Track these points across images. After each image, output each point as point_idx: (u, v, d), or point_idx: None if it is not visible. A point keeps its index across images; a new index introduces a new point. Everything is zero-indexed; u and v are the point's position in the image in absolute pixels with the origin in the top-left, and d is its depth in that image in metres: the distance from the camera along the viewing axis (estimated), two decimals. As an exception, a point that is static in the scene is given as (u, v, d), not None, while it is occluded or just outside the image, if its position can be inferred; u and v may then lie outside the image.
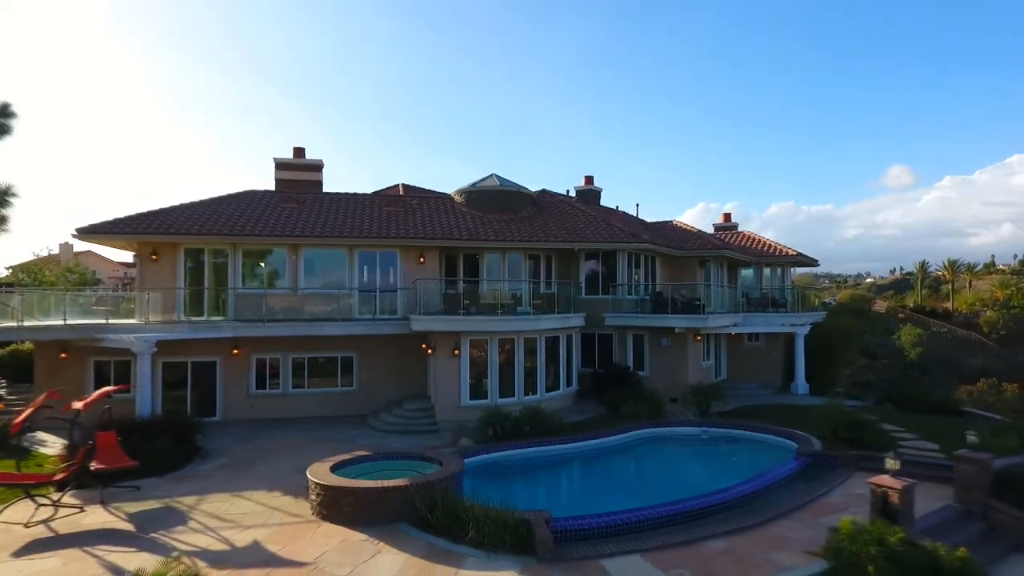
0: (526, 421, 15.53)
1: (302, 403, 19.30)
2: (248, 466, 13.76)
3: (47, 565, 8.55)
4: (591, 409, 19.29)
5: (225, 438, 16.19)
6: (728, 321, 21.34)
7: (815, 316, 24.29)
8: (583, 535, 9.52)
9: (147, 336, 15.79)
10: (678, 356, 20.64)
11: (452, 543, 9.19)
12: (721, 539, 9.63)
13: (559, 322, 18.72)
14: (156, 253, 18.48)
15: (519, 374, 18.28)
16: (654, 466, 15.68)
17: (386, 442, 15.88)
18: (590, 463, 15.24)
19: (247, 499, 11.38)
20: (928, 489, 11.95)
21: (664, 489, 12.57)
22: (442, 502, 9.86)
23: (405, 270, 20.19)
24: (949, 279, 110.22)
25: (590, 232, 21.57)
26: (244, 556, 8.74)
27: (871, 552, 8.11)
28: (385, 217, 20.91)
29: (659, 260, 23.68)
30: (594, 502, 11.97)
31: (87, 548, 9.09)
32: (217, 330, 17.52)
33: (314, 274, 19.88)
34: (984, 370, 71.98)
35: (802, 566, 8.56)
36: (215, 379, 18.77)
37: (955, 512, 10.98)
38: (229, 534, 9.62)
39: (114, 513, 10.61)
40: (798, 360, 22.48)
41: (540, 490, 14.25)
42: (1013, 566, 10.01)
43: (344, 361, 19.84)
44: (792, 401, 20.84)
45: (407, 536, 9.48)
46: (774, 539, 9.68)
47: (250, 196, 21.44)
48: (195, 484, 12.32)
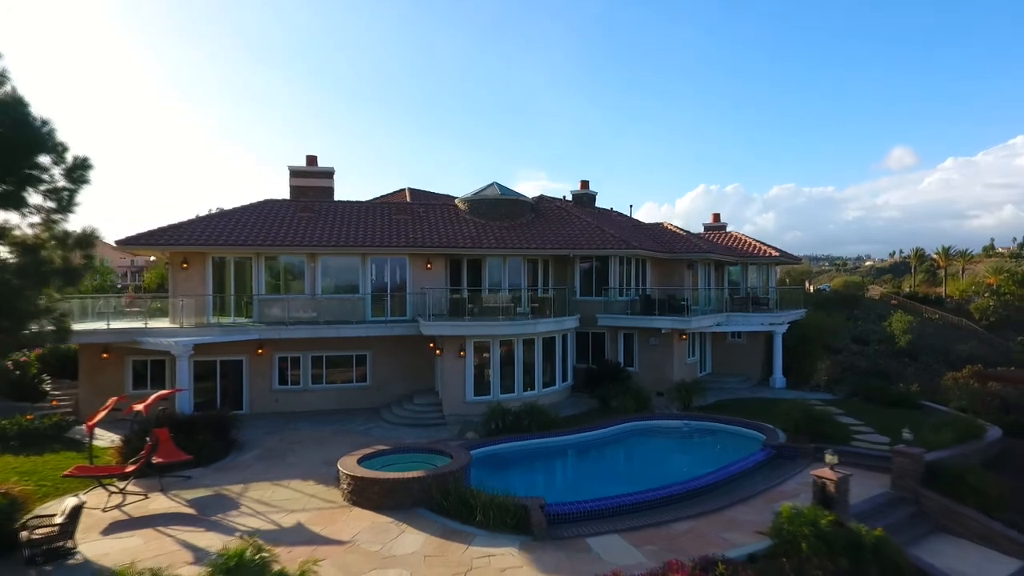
0: (525, 416, 17.36)
1: (320, 397, 21.14)
2: (280, 457, 15.63)
3: (130, 543, 10.42)
4: (585, 403, 21.14)
5: (255, 431, 18.04)
6: (711, 321, 23.13)
7: (794, 315, 26.05)
8: (572, 518, 11.39)
9: (185, 340, 17.61)
10: (665, 354, 22.46)
11: (463, 524, 11.06)
12: (686, 521, 11.51)
13: (555, 325, 20.51)
14: (187, 262, 20.22)
15: (519, 372, 20.11)
16: (639, 456, 17.54)
17: (399, 434, 17.73)
18: (582, 453, 17.11)
19: (285, 487, 13.25)
20: (872, 478, 13.88)
21: (647, 476, 14.38)
22: (454, 490, 11.74)
23: (414, 275, 21.93)
24: (942, 265, 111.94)
25: (584, 238, 23.25)
26: (292, 535, 10.61)
27: (805, 532, 9.96)
28: (395, 225, 22.58)
29: (649, 263, 25.39)
30: (585, 488, 13.78)
31: (160, 529, 10.97)
32: (245, 333, 19.29)
33: (330, 279, 21.61)
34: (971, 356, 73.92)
35: (750, 543, 10.43)
36: (242, 376, 20.60)
37: (890, 498, 12.86)
38: (276, 517, 11.50)
39: (174, 499, 12.49)
40: (776, 356, 24.30)
41: (538, 477, 16.10)
42: (934, 543, 11.91)
43: (358, 359, 21.65)
44: (769, 395, 22.68)
45: (425, 519, 11.35)
46: (730, 521, 11.56)
47: (269, 205, 23.09)
48: (238, 474, 14.19)
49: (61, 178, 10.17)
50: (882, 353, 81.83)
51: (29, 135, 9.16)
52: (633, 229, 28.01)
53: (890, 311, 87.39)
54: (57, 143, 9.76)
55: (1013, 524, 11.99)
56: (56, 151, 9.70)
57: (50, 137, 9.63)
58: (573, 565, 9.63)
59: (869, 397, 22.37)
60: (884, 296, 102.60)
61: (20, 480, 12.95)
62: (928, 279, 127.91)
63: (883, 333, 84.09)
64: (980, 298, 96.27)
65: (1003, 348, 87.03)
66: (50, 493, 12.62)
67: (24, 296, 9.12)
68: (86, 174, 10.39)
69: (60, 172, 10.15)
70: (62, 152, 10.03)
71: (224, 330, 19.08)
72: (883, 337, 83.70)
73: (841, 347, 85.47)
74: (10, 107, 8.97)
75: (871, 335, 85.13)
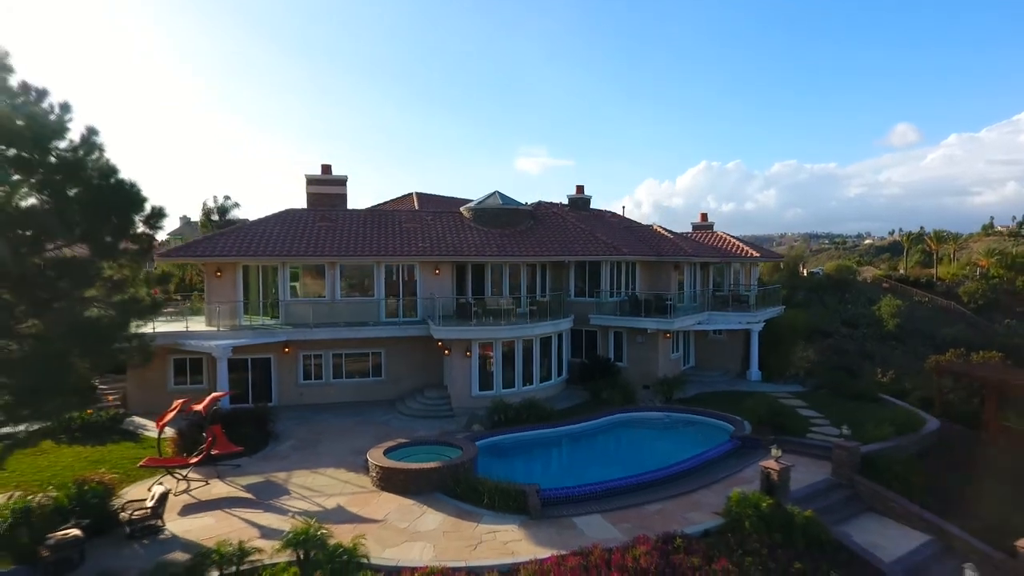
0: (524, 410, 19.80)
1: (341, 391, 23.53)
2: (312, 447, 18.07)
3: (205, 523, 12.87)
4: (578, 395, 23.56)
5: (286, 422, 20.43)
6: (693, 321, 25.47)
7: (771, 312, 28.35)
8: (562, 500, 13.84)
9: (224, 344, 19.97)
10: (650, 350, 24.84)
11: (473, 506, 13.52)
12: (657, 503, 13.98)
13: (551, 327, 22.84)
14: (220, 270, 22.47)
15: (519, 368, 22.50)
16: (624, 445, 19.99)
17: (414, 426, 20.18)
18: (574, 442, 19.57)
19: (322, 474, 15.70)
20: (819, 466, 16.33)
21: (630, 463, 16.77)
22: (464, 478, 14.20)
23: (423, 279, 24.18)
24: (934, 249, 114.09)
25: (578, 245, 25.45)
26: (336, 515, 13.05)
27: (748, 513, 12.43)
28: (405, 234, 24.76)
29: (639, 265, 27.63)
30: (576, 473, 16.22)
31: (227, 511, 13.43)
32: (274, 335, 21.63)
33: (347, 283, 23.88)
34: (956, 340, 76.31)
35: (706, 522, 12.89)
36: (270, 372, 22.96)
37: (830, 483, 15.32)
38: (319, 500, 13.96)
39: (231, 485, 14.95)
40: (753, 351, 26.67)
41: (536, 464, 18.53)
42: (862, 521, 14.36)
43: (374, 356, 24.00)
44: (745, 388, 25.06)
45: (442, 501, 13.81)
46: (694, 503, 14.02)
47: (291, 215, 25.25)
48: (279, 463, 16.63)
49: (142, 225, 12.39)
50: (870, 336, 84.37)
51: (123, 198, 11.34)
52: (625, 231, 30.19)
53: (880, 295, 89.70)
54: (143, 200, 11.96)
55: (927, 505, 14.46)
56: (142, 208, 11.91)
57: (137, 196, 11.82)
58: (562, 539, 12.07)
59: (835, 390, 24.67)
60: (876, 279, 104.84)
61: (92, 468, 15.46)
62: (924, 260, 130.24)
63: (872, 317, 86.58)
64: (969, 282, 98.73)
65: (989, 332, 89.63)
66: (125, 480, 15.05)
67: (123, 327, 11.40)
68: (161, 221, 12.61)
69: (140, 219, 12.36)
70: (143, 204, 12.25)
71: (256, 333, 21.40)
72: (872, 321, 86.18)
73: (831, 330, 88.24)
74: (108, 175, 11.14)
75: (861, 319, 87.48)
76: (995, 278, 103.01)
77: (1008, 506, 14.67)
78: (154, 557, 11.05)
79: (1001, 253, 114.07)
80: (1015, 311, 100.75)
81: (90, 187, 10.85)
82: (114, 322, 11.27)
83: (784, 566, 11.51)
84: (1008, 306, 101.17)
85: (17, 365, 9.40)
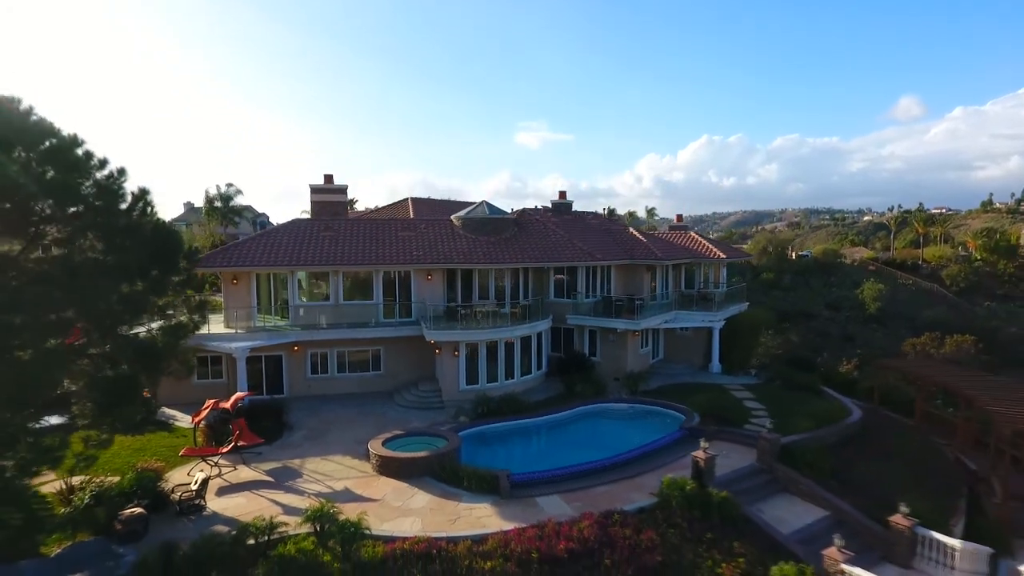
0: (504, 402, 22.79)
1: (344, 384, 26.51)
2: (322, 436, 21.09)
3: (238, 502, 15.92)
4: (555, 387, 26.51)
5: (297, 413, 23.42)
6: (659, 320, 28.38)
7: (733, 310, 31.18)
8: (528, 483, 16.86)
9: (243, 345, 22.92)
10: (621, 347, 27.78)
11: (455, 488, 16.55)
12: (606, 485, 17.02)
13: (529, 329, 25.73)
14: (236, 278, 25.30)
15: (501, 364, 25.46)
16: (590, 433, 22.93)
17: (408, 416, 23.19)
18: (547, 431, 22.59)
19: (330, 461, 18.73)
20: (748, 453, 19.31)
21: (594, 450, 19.65)
22: (448, 465, 17.23)
23: (417, 284, 26.99)
24: (921, 232, 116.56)
25: (557, 252, 28.19)
26: (342, 496, 16.08)
27: (675, 494, 15.48)
28: (400, 242, 27.49)
29: (614, 267, 30.42)
30: (546, 459, 19.16)
31: (254, 492, 16.48)
32: (286, 336, 24.55)
33: (349, 289, 26.71)
34: (935, 323, 79.25)
35: (643, 501, 15.91)
36: (282, 368, 25.93)
37: (754, 469, 18.35)
38: (329, 483, 17.01)
39: (256, 471, 17.99)
40: (714, 346, 29.60)
41: (515, 449, 21.50)
42: (776, 500, 17.38)
43: (374, 352, 26.93)
44: (705, 380, 28.04)
45: (430, 484, 16.84)
46: (637, 486, 17.03)
47: (298, 224, 28.01)
48: (294, 451, 19.66)
49: (183, 261, 15.22)
50: (853, 319, 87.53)
51: (173, 245, 14.16)
52: (603, 234, 32.88)
53: (866, 277, 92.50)
54: (183, 244, 14.76)
55: (830, 487, 17.51)
56: (183, 250, 14.71)
57: (179, 241, 14.64)
58: (524, 515, 15.11)
59: (785, 382, 27.58)
60: (862, 262, 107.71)
61: (137, 455, 18.51)
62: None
63: (856, 300, 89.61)
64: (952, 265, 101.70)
65: (970, 314, 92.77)
66: (168, 466, 18.05)
67: (173, 348, 14.29)
68: (199, 255, 15.46)
69: (182, 258, 15.18)
70: (183, 247, 15.07)
71: (270, 335, 24.31)
72: (855, 304, 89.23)
73: (815, 313, 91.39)
74: (162, 228, 13.94)
75: (844, 301, 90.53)
76: (978, 261, 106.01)
77: (896, 485, 17.78)
78: (201, 530, 14.08)
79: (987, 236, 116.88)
80: (996, 294, 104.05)
81: (145, 240, 13.65)
82: (166, 344, 14.18)
83: (699, 536, 14.62)
84: (989, 289, 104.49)
85: (101, 384, 12.30)
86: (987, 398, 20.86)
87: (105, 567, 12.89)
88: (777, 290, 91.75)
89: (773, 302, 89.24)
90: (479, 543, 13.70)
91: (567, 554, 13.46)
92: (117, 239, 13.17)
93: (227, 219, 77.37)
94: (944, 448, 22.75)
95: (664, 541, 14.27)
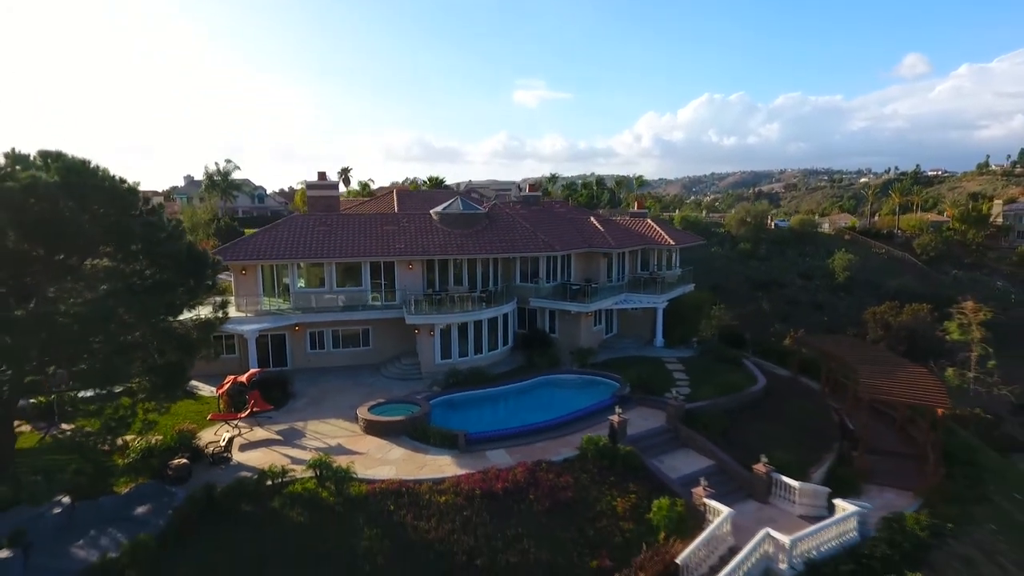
0: (470, 374, 27.49)
1: (339, 358, 31.16)
2: (320, 402, 25.80)
3: (256, 455, 20.67)
4: (518, 360, 31.17)
5: (299, 383, 28.07)
6: (610, 302, 32.91)
7: (676, 293, 35.58)
8: (481, 440, 21.60)
9: (253, 328, 27.47)
10: (575, 325, 32.37)
11: (424, 444, 21.31)
12: (542, 441, 21.77)
13: (495, 311, 30.27)
14: (244, 269, 29.66)
15: (471, 342, 30.08)
16: (543, 399, 27.58)
17: (392, 385, 27.89)
18: (506, 398, 27.30)
19: (327, 423, 23.47)
20: (661, 416, 24.04)
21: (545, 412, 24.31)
22: (419, 426, 21.97)
23: (400, 272, 31.36)
24: (898, 201, 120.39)
25: (521, 243, 32.45)
26: (336, 450, 20.83)
27: (591, 448, 20.25)
28: (385, 236, 31.72)
29: (574, 255, 34.75)
30: (504, 421, 23.89)
31: (268, 448, 21.24)
32: (288, 319, 29.07)
33: (342, 276, 31.09)
34: (900, 291, 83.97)
35: (567, 453, 20.67)
36: (285, 344, 30.52)
37: (662, 428, 23.11)
38: (326, 440, 21.77)
39: (268, 431, 22.72)
40: (658, 324, 34.22)
41: (481, 413, 26.02)
42: (676, 454, 22.16)
43: (363, 331, 31.50)
44: (648, 353, 32.70)
45: (405, 441, 21.60)
46: (567, 442, 21.75)
47: (296, 220, 32.25)
48: (298, 415, 24.38)
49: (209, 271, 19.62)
50: (822, 288, 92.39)
51: (199, 261, 18.51)
52: (567, 224, 37.06)
53: (840, 247, 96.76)
54: (210, 259, 19.12)
55: (719, 443, 22.29)
56: (210, 264, 19.08)
57: (207, 258, 19.01)
58: (475, 464, 19.85)
59: (716, 355, 32.29)
60: (839, 232, 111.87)
61: (173, 419, 23.14)
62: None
63: (827, 269, 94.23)
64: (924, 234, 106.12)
65: (937, 282, 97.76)
66: (198, 428, 22.72)
67: (206, 341, 18.81)
68: (222, 264, 19.84)
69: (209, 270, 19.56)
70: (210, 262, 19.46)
71: (275, 317, 28.84)
72: (826, 273, 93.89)
73: (787, 282, 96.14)
74: (193, 249, 18.28)
75: (816, 271, 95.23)
76: (949, 231, 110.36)
77: (775, 441, 22.59)
78: (231, 476, 18.83)
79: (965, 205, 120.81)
80: (963, 263, 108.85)
81: (178, 260, 18.00)
82: (200, 337, 18.71)
83: (604, 479, 19.43)
84: (958, 257, 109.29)
85: (158, 370, 16.87)
86: (865, 370, 25.52)
87: (163, 501, 17.66)
88: (753, 260, 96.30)
89: (749, 271, 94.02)
90: (438, 484, 18.48)
91: (503, 492, 18.26)
92: (161, 261, 17.55)
93: (227, 194, 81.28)
94: (834, 411, 27.59)
95: (577, 483, 19.09)
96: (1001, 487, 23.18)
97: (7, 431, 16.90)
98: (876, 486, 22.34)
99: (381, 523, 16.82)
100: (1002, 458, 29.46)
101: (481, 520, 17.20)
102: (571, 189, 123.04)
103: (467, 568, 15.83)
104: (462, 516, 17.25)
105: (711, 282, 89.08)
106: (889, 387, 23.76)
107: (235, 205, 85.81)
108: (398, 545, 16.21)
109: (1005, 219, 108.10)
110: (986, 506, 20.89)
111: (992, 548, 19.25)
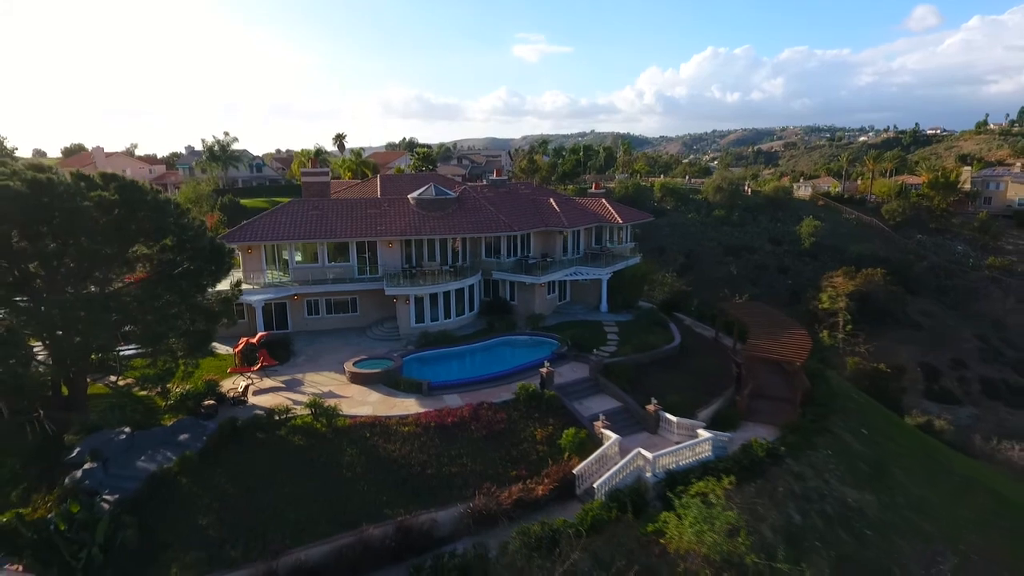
0: (439, 336, 33.55)
1: (331, 322, 37.17)
2: (316, 359, 31.93)
3: (266, 399, 26.87)
4: (481, 325, 37.15)
5: (299, 344, 34.14)
6: (561, 275, 38.74)
7: (619, 266, 41.14)
8: (441, 387, 27.75)
9: (259, 298, 33.45)
10: (531, 294, 38.24)
11: (396, 391, 27.49)
12: (489, 388, 27.91)
13: (462, 283, 36.12)
14: (250, 248, 35.41)
15: (440, 309, 36.04)
16: (498, 356, 33.61)
17: (375, 345, 33.96)
18: (468, 355, 33.37)
19: (321, 375, 29.62)
20: (586, 369, 30.13)
21: (498, 366, 30.43)
22: (393, 376, 28.14)
23: (381, 250, 37.08)
24: (871, 168, 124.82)
25: (485, 224, 37.97)
26: (328, 395, 26.95)
27: (524, 394, 26.41)
28: (369, 219, 37.31)
29: (532, 233, 40.38)
30: (464, 373, 29.98)
31: (275, 394, 27.45)
32: (288, 290, 34.99)
33: (332, 253, 36.83)
34: (862, 256, 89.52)
35: (506, 397, 26.81)
36: (286, 311, 36.51)
37: (586, 378, 29.24)
38: (320, 388, 27.94)
39: (275, 381, 28.90)
40: (603, 292, 40.08)
41: (447, 367, 32.11)
42: (594, 398, 28.30)
43: (352, 299, 37.43)
44: (592, 318, 38.57)
45: (381, 388, 27.77)
46: (508, 388, 27.77)
47: (294, 205, 37.83)
48: (298, 369, 30.52)
49: (228, 259, 25.40)
50: (789, 253, 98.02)
51: (220, 252, 24.25)
52: (529, 205, 42.45)
53: (812, 214, 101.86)
54: (227, 249, 24.90)
55: (627, 390, 28.40)
56: (227, 253, 24.86)
57: (225, 249, 24.76)
58: (434, 405, 25.99)
59: (650, 319, 38.25)
60: (813, 197, 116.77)
61: (199, 372, 29.28)
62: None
63: (795, 235, 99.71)
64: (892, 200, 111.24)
65: (902, 246, 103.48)
66: (219, 378, 28.82)
67: (226, 312, 24.72)
68: (233, 252, 25.63)
69: (227, 257, 25.35)
70: (227, 251, 25.24)
71: (277, 289, 34.77)
72: (794, 238, 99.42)
73: (758, 247, 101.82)
74: (216, 244, 24.00)
75: (786, 236, 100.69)
76: (919, 196, 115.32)
77: (674, 387, 28.71)
78: (248, 413, 25.01)
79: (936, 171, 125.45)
80: (928, 228, 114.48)
81: (204, 252, 23.76)
82: (221, 310, 24.65)
83: (530, 416, 25.58)
84: (925, 223, 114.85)
85: (191, 336, 22.82)
86: (755, 331, 31.53)
87: (198, 431, 23.85)
88: (727, 226, 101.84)
89: (722, 237, 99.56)
90: (404, 419, 24.68)
91: (451, 424, 24.47)
92: (190, 253, 23.33)
93: (226, 165, 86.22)
94: (736, 364, 33.71)
95: (509, 418, 25.27)
96: (851, 423, 29.51)
97: (82, 381, 23.01)
98: (752, 423, 28.55)
99: (360, 445, 23.07)
100: (873, 402, 35.82)
101: (433, 444, 23.45)
102: (558, 155, 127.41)
103: (420, 475, 22.12)
104: (419, 441, 23.50)
105: (685, 248, 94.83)
106: (767, 346, 29.82)
107: (235, 175, 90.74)
108: (371, 460, 22.49)
109: (973, 185, 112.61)
110: (827, 437, 27.18)
111: (823, 467, 25.62)
